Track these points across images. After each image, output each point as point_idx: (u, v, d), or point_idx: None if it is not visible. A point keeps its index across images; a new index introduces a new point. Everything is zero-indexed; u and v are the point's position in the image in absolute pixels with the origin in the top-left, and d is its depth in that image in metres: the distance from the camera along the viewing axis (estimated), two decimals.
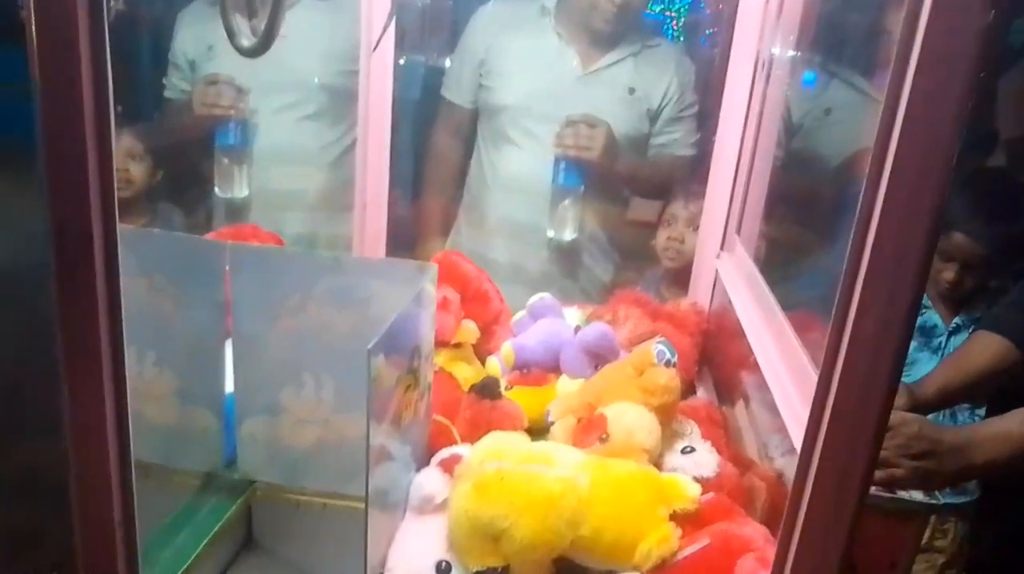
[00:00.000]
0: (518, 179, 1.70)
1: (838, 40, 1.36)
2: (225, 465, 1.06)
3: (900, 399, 1.07)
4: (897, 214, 0.57)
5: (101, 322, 0.72)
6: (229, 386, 1.02)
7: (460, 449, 0.92)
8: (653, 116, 1.70)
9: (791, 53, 1.25)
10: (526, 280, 1.70)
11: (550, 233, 1.66)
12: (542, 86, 1.68)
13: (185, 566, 0.92)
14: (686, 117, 1.71)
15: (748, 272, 1.16)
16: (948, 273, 1.57)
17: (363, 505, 0.97)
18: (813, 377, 0.80)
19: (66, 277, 0.70)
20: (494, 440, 0.89)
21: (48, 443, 0.64)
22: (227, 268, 0.96)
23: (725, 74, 1.31)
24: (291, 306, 0.96)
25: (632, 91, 1.67)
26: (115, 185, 0.69)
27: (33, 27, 0.64)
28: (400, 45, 1.49)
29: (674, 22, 3.20)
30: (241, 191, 1.72)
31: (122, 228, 0.70)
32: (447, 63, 1.83)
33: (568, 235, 1.65)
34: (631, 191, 1.79)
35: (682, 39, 2.19)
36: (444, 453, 0.92)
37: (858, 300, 0.60)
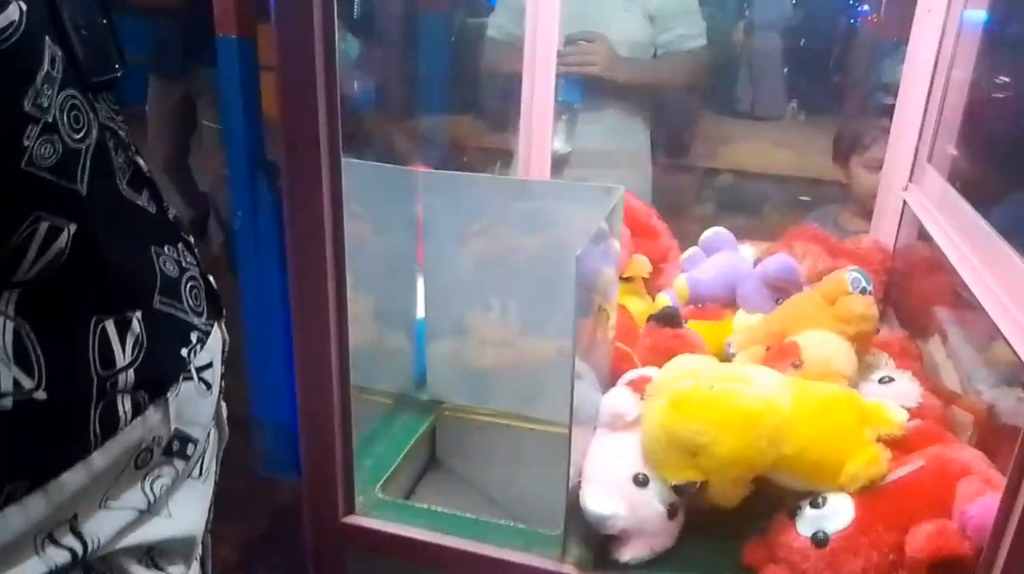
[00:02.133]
0: None
1: None
2: (415, 386, 1.11)
3: None
4: None
5: (327, 244, 0.76)
6: (420, 311, 1.07)
7: (647, 370, 0.92)
8: (652, 17, 1.75)
9: None
10: None
11: (556, 145, 1.66)
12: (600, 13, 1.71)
13: (384, 477, 0.98)
14: (689, 11, 1.77)
15: (949, 201, 1.09)
16: None
17: (545, 426, 1.00)
18: None
19: (296, 204, 0.75)
20: (685, 361, 0.89)
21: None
22: (419, 195, 1.00)
23: None
24: (480, 230, 0.99)
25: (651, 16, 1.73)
26: (339, 120, 0.73)
27: None
28: None
29: None
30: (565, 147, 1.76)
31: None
32: None
33: (564, 149, 1.72)
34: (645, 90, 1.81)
35: None
36: (632, 374, 0.93)
37: None
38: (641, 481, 0.80)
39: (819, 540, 0.75)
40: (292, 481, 1.15)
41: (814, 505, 0.77)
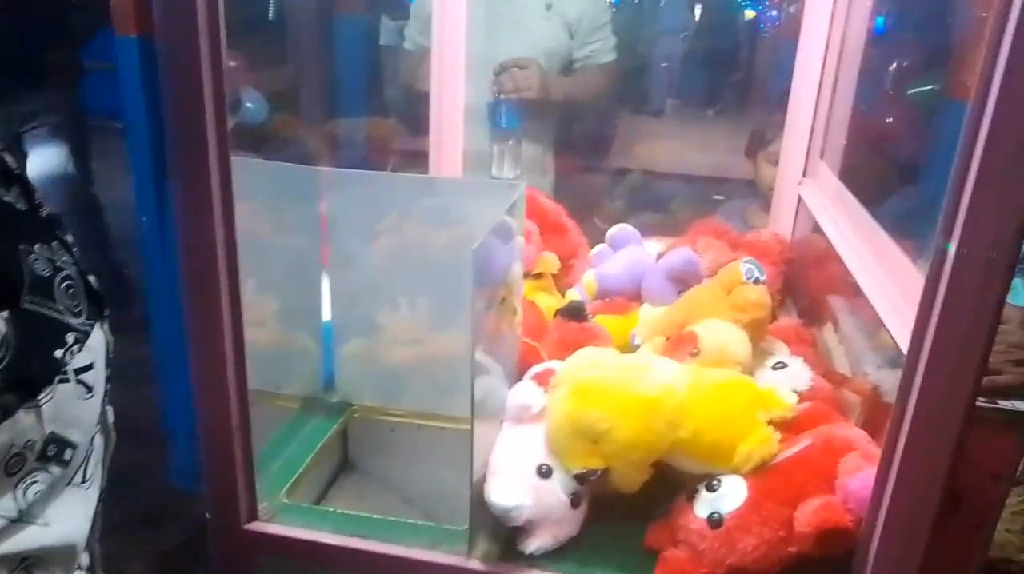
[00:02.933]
0: None
1: None
2: (324, 388, 1.10)
3: (1015, 323, 1.04)
4: (1011, 116, 0.56)
5: (219, 243, 0.75)
6: (327, 311, 1.06)
7: (552, 364, 0.94)
8: (572, 30, 1.82)
9: None
10: None
11: (493, 172, 1.71)
12: (514, 23, 1.75)
13: (291, 482, 0.96)
14: (602, 25, 1.86)
15: (838, 195, 1.14)
16: None
17: (457, 424, 1.00)
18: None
19: (187, 204, 0.74)
20: (588, 353, 0.91)
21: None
22: (323, 194, 0.99)
23: None
24: (385, 227, 0.99)
25: (549, 7, 1.78)
26: (227, 118, 0.72)
27: None
28: None
29: None
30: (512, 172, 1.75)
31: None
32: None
33: (510, 174, 1.72)
34: (567, 106, 1.90)
35: None
36: (537, 367, 0.94)
37: (968, 204, 0.59)
38: (544, 472, 0.81)
39: (715, 521, 0.77)
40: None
41: (710, 488, 0.80)
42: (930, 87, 1.37)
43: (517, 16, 1.78)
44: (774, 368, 0.98)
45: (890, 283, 0.87)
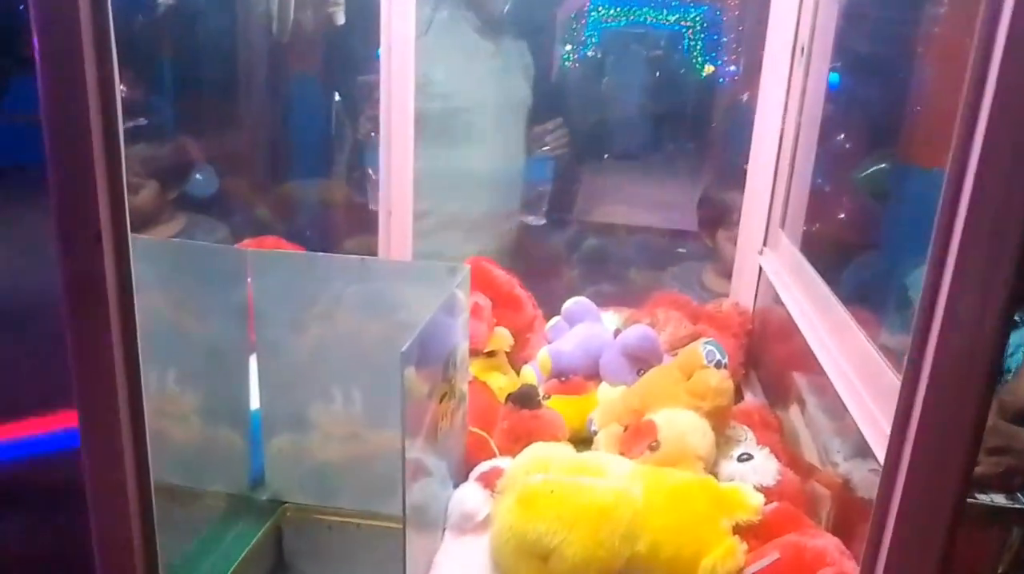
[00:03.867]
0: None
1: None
2: (252, 486, 1.01)
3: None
4: (989, 195, 0.51)
5: (114, 338, 0.67)
6: (255, 402, 0.97)
7: (500, 462, 0.86)
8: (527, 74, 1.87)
9: (831, 38, 1.19)
10: None
11: (529, 220, 1.87)
12: (476, 79, 1.76)
13: None
14: None
15: (797, 266, 1.10)
16: None
17: (399, 524, 0.91)
18: (886, 372, 0.74)
19: (75, 291, 0.65)
20: (537, 450, 0.84)
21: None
22: (248, 277, 0.91)
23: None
24: (317, 314, 0.91)
25: (527, 68, 1.82)
26: (125, 193, 0.64)
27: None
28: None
29: (690, 31, 3.19)
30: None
31: (135, 238, 0.65)
32: None
33: (539, 221, 1.90)
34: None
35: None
36: (484, 466, 0.86)
37: (947, 293, 0.53)
38: None
39: None
40: None
41: None
42: (880, 166, 1.35)
43: (510, 77, 1.81)
44: (739, 460, 0.91)
45: (850, 366, 0.81)
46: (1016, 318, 1.51)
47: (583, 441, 1.01)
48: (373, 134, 1.83)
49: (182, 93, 2.20)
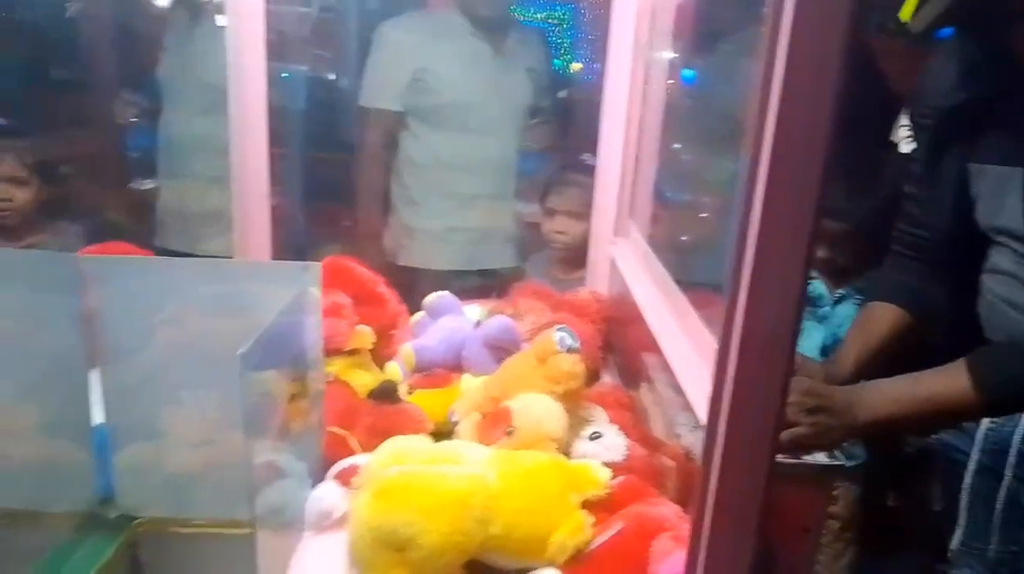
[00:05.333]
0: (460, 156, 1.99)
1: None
2: (100, 503, 0.96)
3: (817, 378, 1.08)
4: (782, 181, 0.56)
5: None
6: (100, 416, 0.93)
7: (358, 459, 0.87)
8: (541, 89, 2.07)
9: (670, 37, 1.26)
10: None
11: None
12: (469, 79, 1.96)
13: None
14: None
15: (644, 254, 1.16)
16: (821, 252, 1.62)
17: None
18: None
19: None
20: (394, 445, 0.84)
21: None
22: (83, 283, 0.87)
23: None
24: (165, 318, 0.88)
25: (531, 70, 2.00)
26: None
27: None
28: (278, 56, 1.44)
29: (556, 29, 3.25)
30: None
31: None
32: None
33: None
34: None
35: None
36: (341, 464, 0.86)
37: (751, 268, 0.59)
38: None
39: None
40: None
41: None
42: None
43: (509, 81, 1.99)
44: (591, 438, 0.96)
45: (691, 350, 0.87)
46: (842, 292, 1.66)
47: (448, 433, 1.03)
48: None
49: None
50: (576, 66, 3.39)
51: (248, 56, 1.31)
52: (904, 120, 1.30)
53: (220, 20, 1.67)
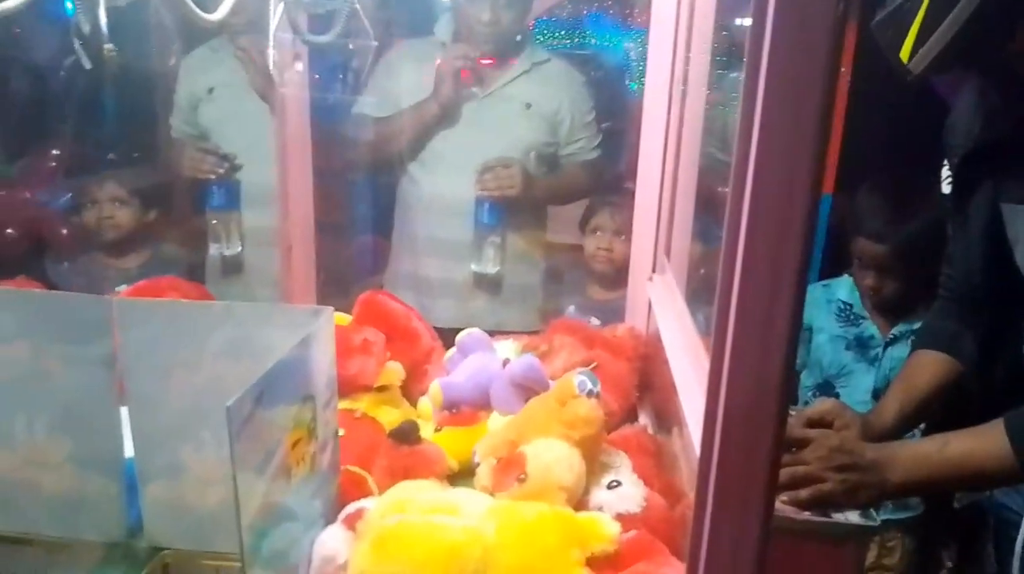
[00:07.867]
0: (439, 199, 1.84)
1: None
2: (129, 533, 1.00)
3: (853, 431, 1.02)
4: (765, 210, 0.54)
5: None
6: (131, 449, 0.97)
7: (366, 502, 0.87)
8: (554, 128, 1.84)
9: (707, 67, 1.23)
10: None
11: (474, 267, 1.81)
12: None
13: None
14: (587, 123, 1.88)
15: (674, 295, 1.13)
16: (868, 279, 1.56)
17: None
18: None
19: None
20: (400, 491, 0.85)
21: None
22: (114, 325, 0.91)
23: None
24: (184, 360, 0.91)
25: (528, 106, 1.82)
26: None
27: None
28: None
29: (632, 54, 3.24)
30: (233, 248, 1.81)
31: None
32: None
33: (492, 269, 1.81)
34: (551, 202, 1.96)
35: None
36: (350, 508, 0.87)
37: (736, 306, 0.56)
38: None
39: None
40: None
41: None
42: None
43: (497, 117, 1.83)
44: (609, 487, 0.93)
45: (701, 398, 0.84)
46: (895, 333, 1.58)
47: (472, 473, 1.02)
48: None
49: None
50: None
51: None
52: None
53: None
